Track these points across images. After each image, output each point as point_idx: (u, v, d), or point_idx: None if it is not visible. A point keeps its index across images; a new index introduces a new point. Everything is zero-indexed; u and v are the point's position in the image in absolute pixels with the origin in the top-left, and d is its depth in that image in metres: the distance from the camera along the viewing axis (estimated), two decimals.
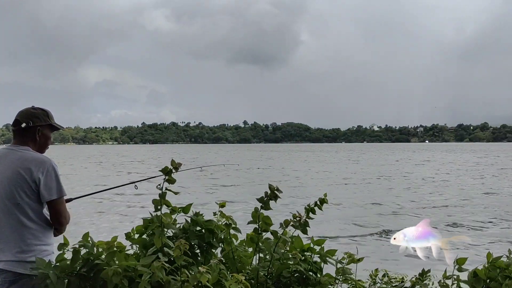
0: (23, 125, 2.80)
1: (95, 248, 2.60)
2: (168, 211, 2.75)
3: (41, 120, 2.87)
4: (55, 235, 2.87)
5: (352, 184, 24.76)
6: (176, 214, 2.88)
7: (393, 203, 17.25)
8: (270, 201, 2.84)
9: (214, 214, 2.85)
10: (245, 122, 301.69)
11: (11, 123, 2.88)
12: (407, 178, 28.64)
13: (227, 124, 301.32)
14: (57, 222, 2.79)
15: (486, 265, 2.53)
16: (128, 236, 2.84)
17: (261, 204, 2.84)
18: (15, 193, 2.66)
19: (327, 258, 2.92)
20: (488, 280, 2.48)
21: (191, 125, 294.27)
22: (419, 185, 24.33)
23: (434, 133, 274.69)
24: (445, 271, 2.68)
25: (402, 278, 2.92)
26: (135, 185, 3.43)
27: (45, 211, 2.79)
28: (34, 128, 2.83)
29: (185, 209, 2.92)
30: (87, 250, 2.61)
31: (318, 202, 2.92)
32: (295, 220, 2.80)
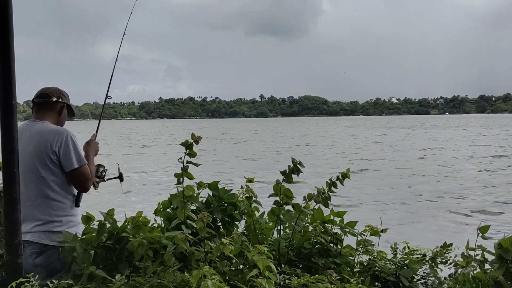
0: (54, 99, 2.94)
1: (119, 222, 2.67)
2: (191, 185, 2.78)
3: (66, 99, 3.05)
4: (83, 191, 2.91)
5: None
6: (201, 189, 2.91)
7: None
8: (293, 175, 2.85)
9: (241, 187, 2.87)
10: (261, 96, 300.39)
11: (31, 99, 2.98)
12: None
13: (244, 98, 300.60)
14: (81, 189, 2.87)
15: None
16: (156, 211, 2.89)
17: (283, 177, 2.85)
18: (38, 166, 2.72)
19: (348, 230, 2.93)
20: None
21: (208, 99, 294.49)
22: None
23: (455, 105, 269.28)
24: (467, 242, 2.66)
25: (424, 251, 2.91)
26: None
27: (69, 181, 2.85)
28: (62, 104, 2.99)
29: (211, 185, 2.95)
30: (110, 224, 2.68)
31: (340, 177, 2.91)
32: (318, 194, 2.80)
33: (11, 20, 2.22)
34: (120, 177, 3.21)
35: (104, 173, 3.10)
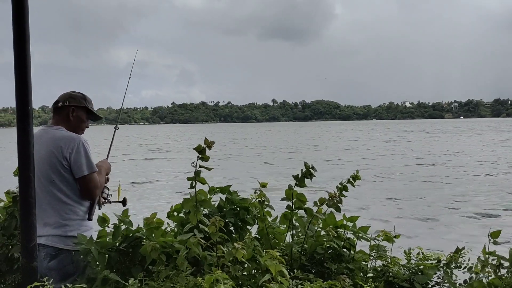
0: (60, 104, 2.95)
1: (134, 224, 2.69)
2: (204, 189, 2.79)
3: (77, 101, 2.99)
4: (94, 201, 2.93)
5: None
6: (213, 194, 2.92)
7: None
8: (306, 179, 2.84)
9: (255, 192, 2.87)
10: (274, 101, 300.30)
11: (46, 104, 3.04)
12: None
13: (256, 103, 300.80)
14: (88, 197, 2.87)
15: None
16: (168, 215, 2.90)
17: (295, 181, 2.84)
18: (49, 171, 2.76)
19: (361, 235, 2.90)
20: None
21: (220, 104, 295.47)
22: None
23: (469, 109, 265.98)
24: (484, 246, 2.62)
25: (438, 257, 2.87)
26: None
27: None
28: (68, 107, 2.96)
29: (223, 190, 2.95)
30: (125, 226, 2.70)
31: (351, 179, 2.89)
32: (330, 199, 2.78)
33: (27, 27, 2.26)
34: (124, 202, 3.14)
35: (109, 197, 3.07)
